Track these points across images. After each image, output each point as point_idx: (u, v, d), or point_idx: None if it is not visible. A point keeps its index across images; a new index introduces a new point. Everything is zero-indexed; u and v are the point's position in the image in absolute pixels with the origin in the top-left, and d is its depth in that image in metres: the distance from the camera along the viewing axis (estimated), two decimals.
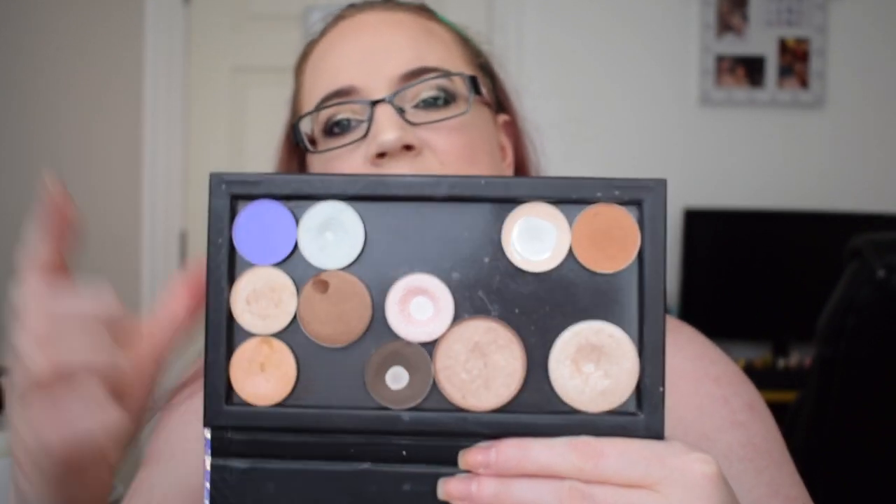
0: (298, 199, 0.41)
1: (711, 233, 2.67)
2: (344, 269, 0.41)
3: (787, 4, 2.72)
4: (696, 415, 0.66)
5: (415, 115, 0.69)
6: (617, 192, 0.40)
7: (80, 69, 2.58)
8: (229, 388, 0.41)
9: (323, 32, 0.76)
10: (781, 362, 2.59)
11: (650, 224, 0.40)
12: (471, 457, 0.40)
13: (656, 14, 2.75)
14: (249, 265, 0.41)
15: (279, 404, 0.41)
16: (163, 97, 2.75)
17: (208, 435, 0.41)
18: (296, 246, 0.41)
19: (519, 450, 0.39)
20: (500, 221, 0.40)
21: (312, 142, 0.74)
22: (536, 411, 0.40)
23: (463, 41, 0.77)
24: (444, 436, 0.40)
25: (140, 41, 2.72)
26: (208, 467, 0.41)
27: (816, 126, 2.74)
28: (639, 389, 0.40)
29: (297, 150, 0.78)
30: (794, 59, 2.73)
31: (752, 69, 2.74)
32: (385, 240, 0.41)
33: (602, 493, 0.38)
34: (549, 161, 0.84)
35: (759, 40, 2.73)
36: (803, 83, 2.73)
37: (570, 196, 0.40)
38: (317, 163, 0.73)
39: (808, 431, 1.28)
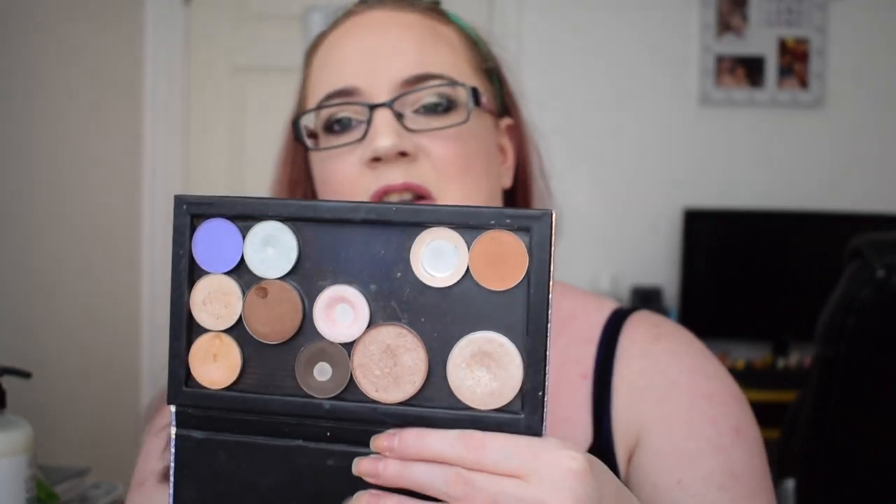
0: (245, 218, 0.48)
1: (711, 233, 2.68)
2: (281, 278, 0.48)
3: (786, 4, 2.72)
4: (684, 433, 0.67)
5: (414, 122, 0.70)
6: (508, 221, 0.46)
7: (80, 69, 2.58)
8: (188, 373, 0.49)
9: (334, 25, 0.77)
10: (781, 362, 2.59)
11: (537, 249, 0.45)
12: (379, 442, 0.46)
13: (656, 15, 2.75)
14: (205, 273, 0.49)
15: (227, 388, 0.49)
16: (163, 97, 2.75)
17: (173, 409, 0.49)
18: (242, 258, 0.49)
19: (417, 438, 0.46)
20: (409, 242, 0.47)
21: (314, 136, 0.75)
22: (435, 406, 0.47)
23: (472, 44, 0.77)
24: (359, 422, 0.47)
25: (140, 41, 2.73)
26: (174, 436, 0.49)
27: (816, 126, 2.74)
28: (522, 392, 0.46)
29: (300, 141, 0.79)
30: (794, 60, 2.73)
31: (751, 69, 2.74)
32: (315, 255, 0.48)
33: (481, 480, 0.44)
34: (550, 162, 0.84)
35: (759, 40, 2.74)
36: (803, 83, 2.73)
37: (469, 223, 0.46)
38: (317, 159, 0.75)
39: (808, 431, 1.28)
